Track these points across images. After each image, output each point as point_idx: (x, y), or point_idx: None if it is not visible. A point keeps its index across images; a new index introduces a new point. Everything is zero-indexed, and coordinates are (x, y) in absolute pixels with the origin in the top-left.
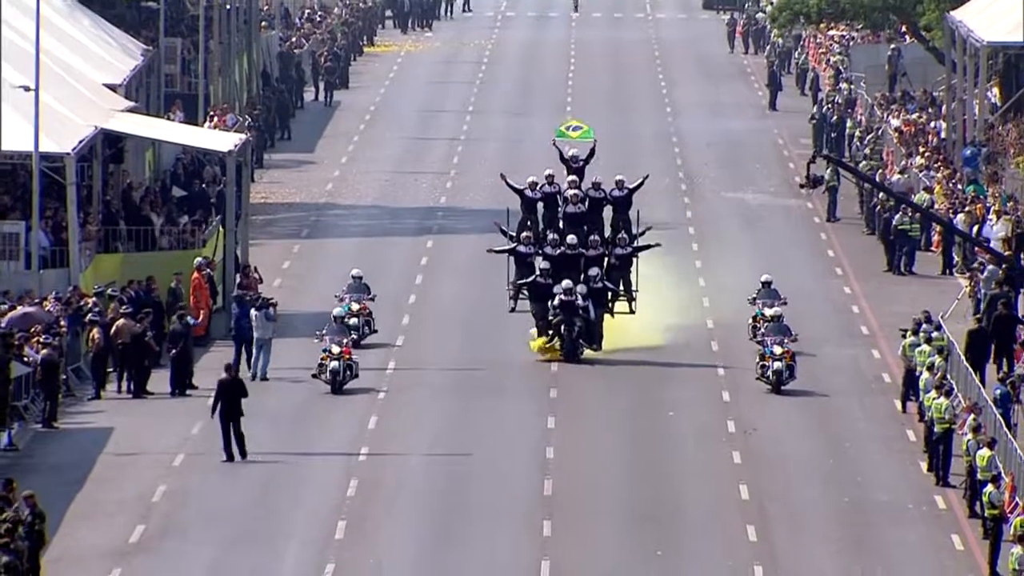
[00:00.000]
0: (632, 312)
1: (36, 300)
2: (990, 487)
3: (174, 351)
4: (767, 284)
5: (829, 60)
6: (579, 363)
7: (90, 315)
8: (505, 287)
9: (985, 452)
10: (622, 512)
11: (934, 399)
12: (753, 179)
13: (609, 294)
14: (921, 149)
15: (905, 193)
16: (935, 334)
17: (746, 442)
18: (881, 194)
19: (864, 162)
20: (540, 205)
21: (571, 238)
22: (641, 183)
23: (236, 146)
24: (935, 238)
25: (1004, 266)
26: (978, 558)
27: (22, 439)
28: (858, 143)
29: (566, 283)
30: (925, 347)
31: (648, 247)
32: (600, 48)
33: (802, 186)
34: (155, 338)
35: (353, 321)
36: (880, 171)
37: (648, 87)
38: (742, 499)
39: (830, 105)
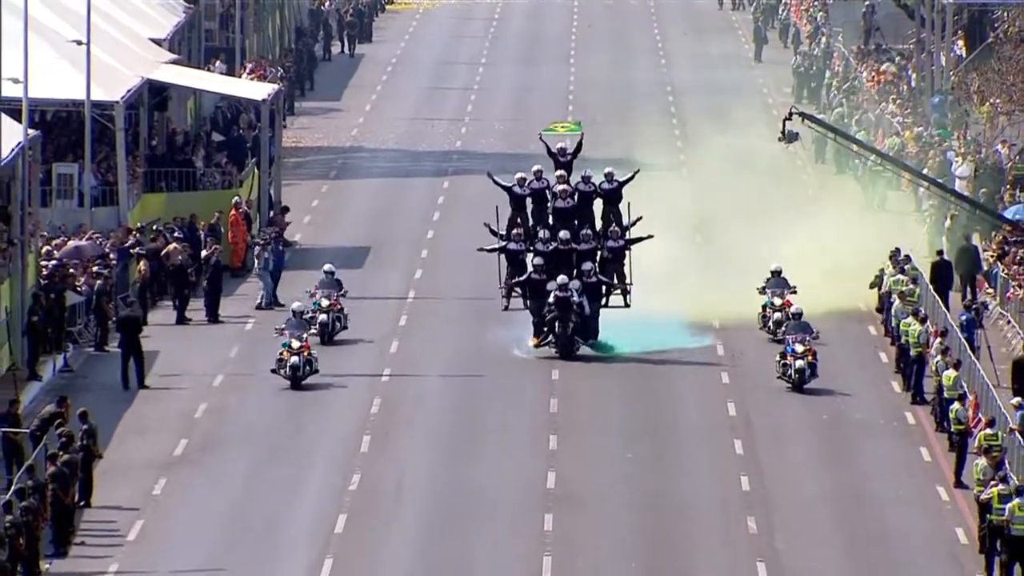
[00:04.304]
0: (627, 305)
1: (88, 235)
2: (956, 404)
3: (207, 282)
4: (777, 273)
5: (809, 15)
6: (575, 359)
7: (137, 248)
8: (497, 287)
9: (951, 372)
10: (621, 428)
11: (910, 325)
12: (739, 125)
13: (603, 287)
14: (892, 97)
15: (872, 141)
16: (907, 266)
17: (734, 365)
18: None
19: (840, 108)
20: (529, 201)
21: (563, 233)
22: (631, 177)
23: (270, 95)
24: (905, 178)
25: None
26: (944, 469)
27: (76, 361)
28: (835, 92)
29: (561, 279)
30: (900, 276)
31: (641, 239)
32: (600, 4)
33: (779, 139)
34: (195, 271)
35: (323, 317)
36: (856, 116)
37: (644, 40)
38: (730, 416)
39: (809, 57)
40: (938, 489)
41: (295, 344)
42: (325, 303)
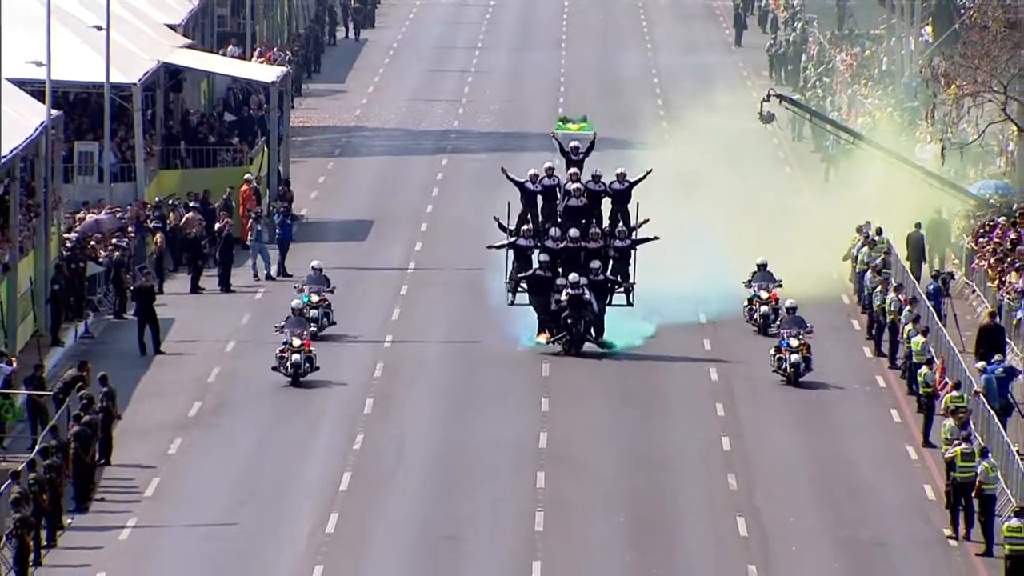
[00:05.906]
0: (630, 304)
1: (109, 209)
2: (924, 369)
3: (219, 253)
4: (763, 267)
5: (787, 2)
6: (581, 355)
7: (153, 222)
8: (504, 281)
9: (919, 339)
10: (609, 392)
11: (882, 294)
12: (720, 106)
13: (609, 286)
14: (864, 80)
15: (844, 121)
16: (876, 238)
17: (715, 332)
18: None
19: (815, 91)
20: (540, 198)
21: (573, 231)
22: (643, 177)
23: (278, 77)
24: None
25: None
26: (913, 429)
27: (96, 328)
28: (811, 75)
29: (573, 277)
30: (865, 248)
31: (647, 240)
32: None
33: (758, 118)
34: (208, 243)
35: (312, 313)
36: (830, 97)
37: (631, 26)
38: (712, 380)
39: (786, 42)
40: (907, 448)
41: (296, 342)
42: (315, 299)
